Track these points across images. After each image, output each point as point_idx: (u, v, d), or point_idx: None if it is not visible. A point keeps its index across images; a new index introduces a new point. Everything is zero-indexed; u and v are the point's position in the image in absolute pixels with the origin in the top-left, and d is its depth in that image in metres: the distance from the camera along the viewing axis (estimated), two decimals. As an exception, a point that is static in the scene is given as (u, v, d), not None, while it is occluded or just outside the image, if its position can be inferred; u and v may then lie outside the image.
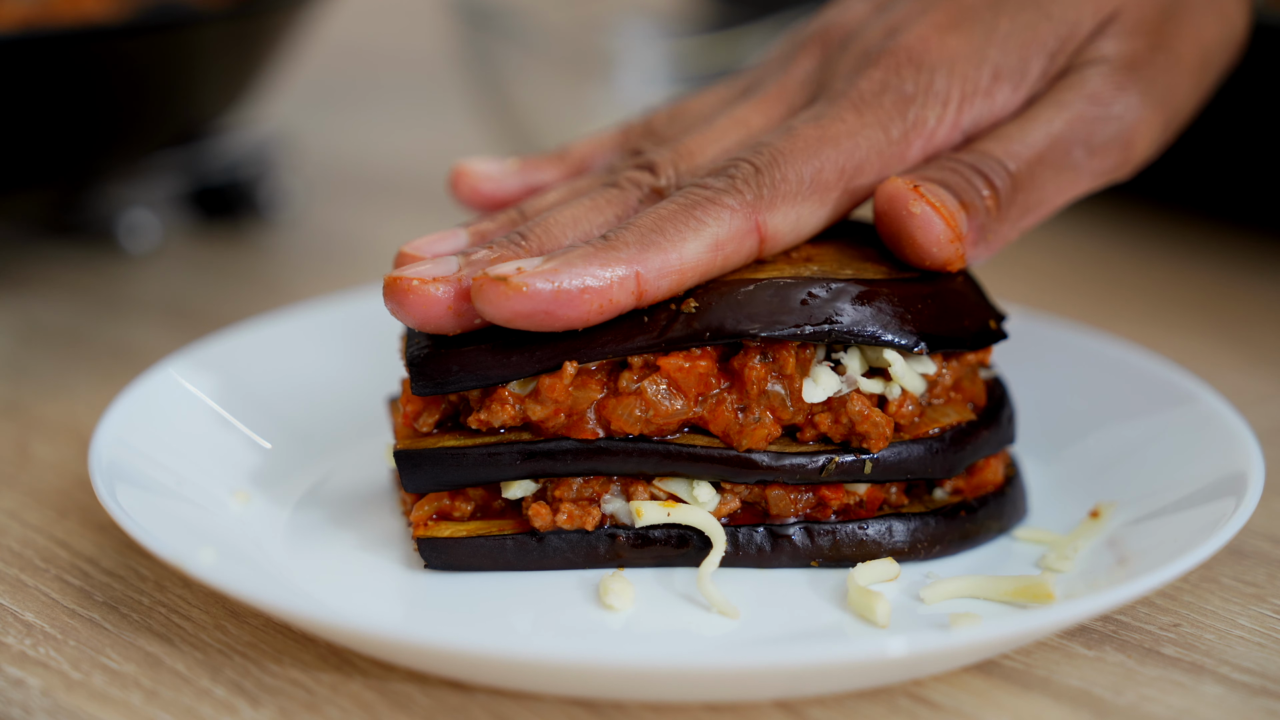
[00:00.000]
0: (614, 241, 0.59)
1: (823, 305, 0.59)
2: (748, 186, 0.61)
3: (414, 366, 0.60)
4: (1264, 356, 0.84)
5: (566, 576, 0.61)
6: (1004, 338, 0.63)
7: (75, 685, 0.55)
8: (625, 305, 0.58)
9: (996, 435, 0.63)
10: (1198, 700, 0.55)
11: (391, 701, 0.55)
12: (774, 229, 0.61)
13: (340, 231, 1.04)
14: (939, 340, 0.61)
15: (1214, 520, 0.58)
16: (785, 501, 0.61)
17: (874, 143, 0.63)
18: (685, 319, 0.59)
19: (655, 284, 0.59)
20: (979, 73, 0.64)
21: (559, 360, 0.59)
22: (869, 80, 0.64)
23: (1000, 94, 0.65)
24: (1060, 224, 1.03)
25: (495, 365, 0.59)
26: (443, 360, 0.59)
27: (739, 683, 0.53)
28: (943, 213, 0.61)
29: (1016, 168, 0.63)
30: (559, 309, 0.57)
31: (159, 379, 0.69)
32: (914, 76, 0.64)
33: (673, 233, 0.59)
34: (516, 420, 0.60)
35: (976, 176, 0.63)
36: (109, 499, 0.59)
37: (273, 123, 1.14)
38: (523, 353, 0.59)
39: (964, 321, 0.62)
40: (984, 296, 0.64)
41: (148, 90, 0.88)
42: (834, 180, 0.62)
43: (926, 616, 0.58)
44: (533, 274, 0.57)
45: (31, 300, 0.91)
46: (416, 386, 0.60)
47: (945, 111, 0.64)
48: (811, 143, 0.62)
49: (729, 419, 0.60)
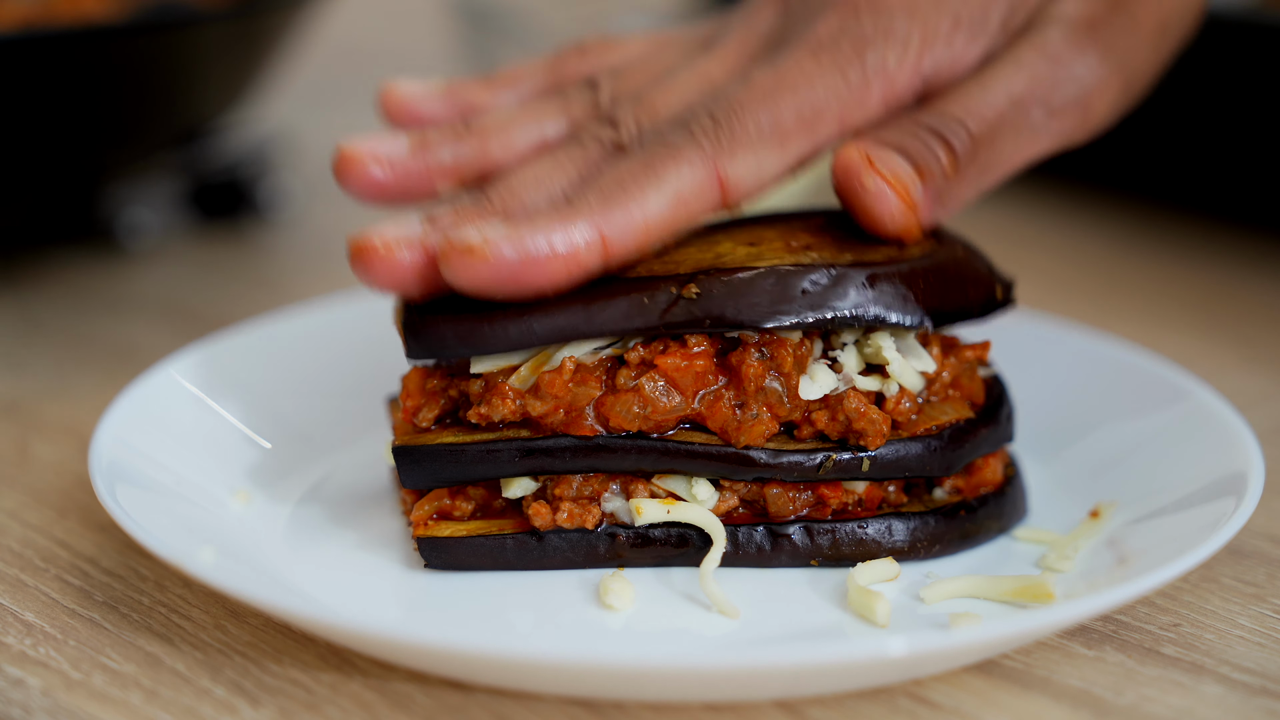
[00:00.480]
0: (577, 204, 0.59)
1: (824, 292, 0.59)
2: (706, 138, 0.61)
3: (410, 332, 0.60)
4: (1264, 356, 0.84)
5: (566, 576, 0.61)
6: (1011, 304, 0.63)
7: (75, 685, 0.55)
8: (593, 266, 0.59)
9: (995, 433, 0.63)
10: (1198, 700, 0.55)
11: (391, 701, 0.54)
12: (735, 178, 0.61)
13: (340, 231, 1.03)
14: (944, 315, 0.61)
15: (1214, 520, 0.58)
16: (784, 500, 0.61)
17: (832, 87, 0.63)
18: (686, 304, 0.59)
19: (621, 243, 0.59)
20: (939, 17, 0.64)
21: (557, 336, 0.59)
22: (825, 24, 0.64)
23: (958, 41, 0.64)
24: (1060, 224, 1.03)
25: (490, 336, 0.59)
26: (439, 327, 0.59)
27: (739, 683, 0.53)
28: (896, 187, 0.61)
29: (976, 128, 0.63)
30: (526, 275, 0.57)
31: (159, 379, 0.69)
32: (872, 19, 0.63)
33: (634, 190, 0.59)
34: (516, 415, 0.60)
35: (934, 139, 0.62)
36: (109, 499, 0.59)
37: (273, 123, 1.14)
38: (519, 323, 0.59)
39: (968, 293, 0.62)
40: (988, 264, 0.64)
41: (148, 90, 0.88)
42: (793, 127, 0.62)
43: (926, 616, 0.58)
44: (497, 241, 0.57)
45: (31, 300, 0.91)
46: (410, 350, 0.60)
47: (905, 54, 0.63)
48: (769, 90, 0.62)
49: (726, 415, 0.60)
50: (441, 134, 0.65)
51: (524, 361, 0.60)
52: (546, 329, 0.59)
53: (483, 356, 0.60)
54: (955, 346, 0.64)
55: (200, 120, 0.97)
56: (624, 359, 0.59)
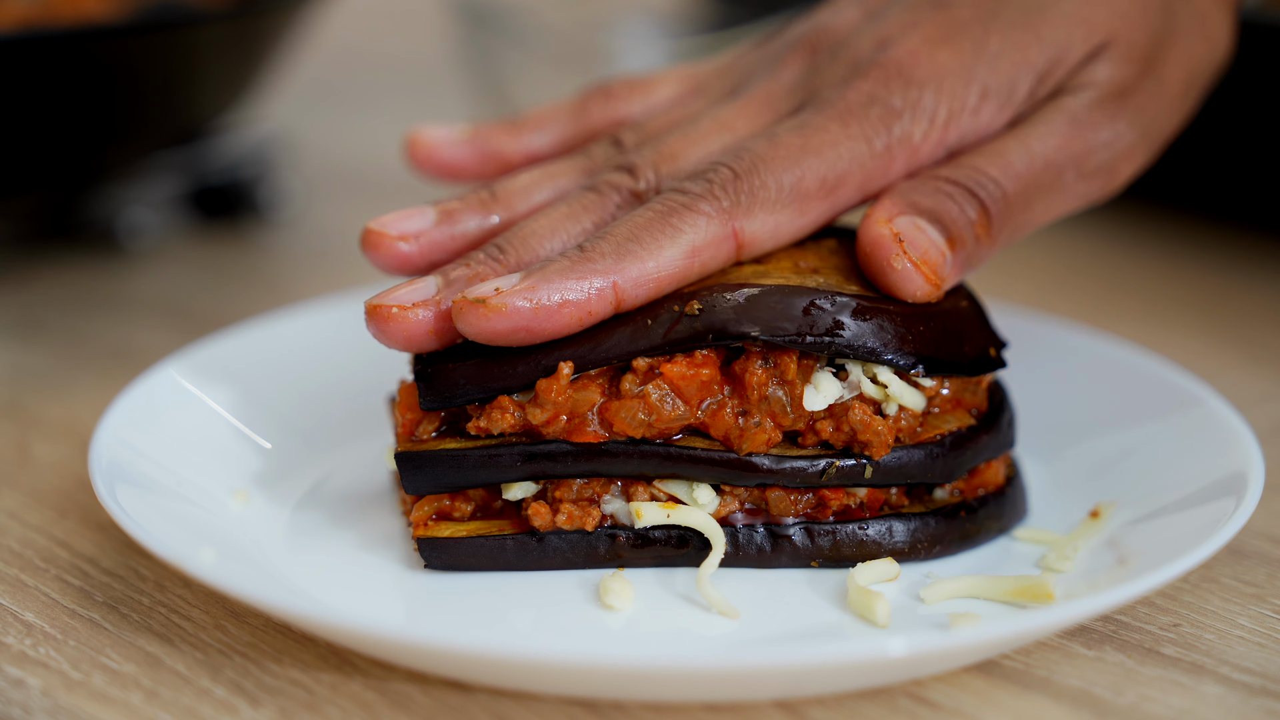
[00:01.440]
0: (590, 253, 0.59)
1: (825, 316, 0.59)
2: (725, 192, 0.61)
3: (422, 381, 0.60)
4: (1264, 356, 0.84)
5: (566, 576, 0.61)
6: (1002, 366, 0.63)
7: (75, 685, 0.55)
8: (604, 315, 0.59)
9: (996, 440, 0.63)
10: (1198, 700, 0.55)
11: (391, 701, 0.54)
12: (751, 235, 0.61)
13: (340, 231, 1.04)
14: (937, 364, 0.61)
15: (1214, 520, 0.58)
16: (785, 502, 0.61)
17: (857, 155, 0.63)
18: (688, 320, 0.59)
19: (633, 293, 0.59)
20: (967, 91, 0.64)
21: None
22: (856, 92, 0.64)
23: (986, 112, 0.64)
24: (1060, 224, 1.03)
25: (501, 375, 0.59)
26: (450, 374, 0.60)
27: (739, 683, 0.53)
28: (924, 270, 0.61)
29: (1012, 188, 0.63)
30: (538, 324, 0.58)
31: (159, 379, 0.69)
32: (902, 91, 0.64)
33: (649, 241, 0.59)
34: (517, 427, 0.60)
35: (969, 201, 0.62)
36: (109, 499, 0.59)
37: (273, 123, 1.14)
38: (528, 361, 0.59)
39: (964, 347, 0.62)
40: (986, 322, 0.64)
41: (148, 90, 0.88)
42: (815, 190, 0.62)
43: (926, 616, 0.58)
44: (510, 293, 0.58)
45: (31, 300, 0.91)
46: (425, 402, 0.60)
47: (931, 129, 0.64)
48: (794, 151, 0.62)
49: (729, 423, 0.60)
50: (466, 204, 0.65)
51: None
52: (554, 362, 0.59)
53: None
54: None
55: (200, 120, 0.97)
56: (630, 366, 0.59)
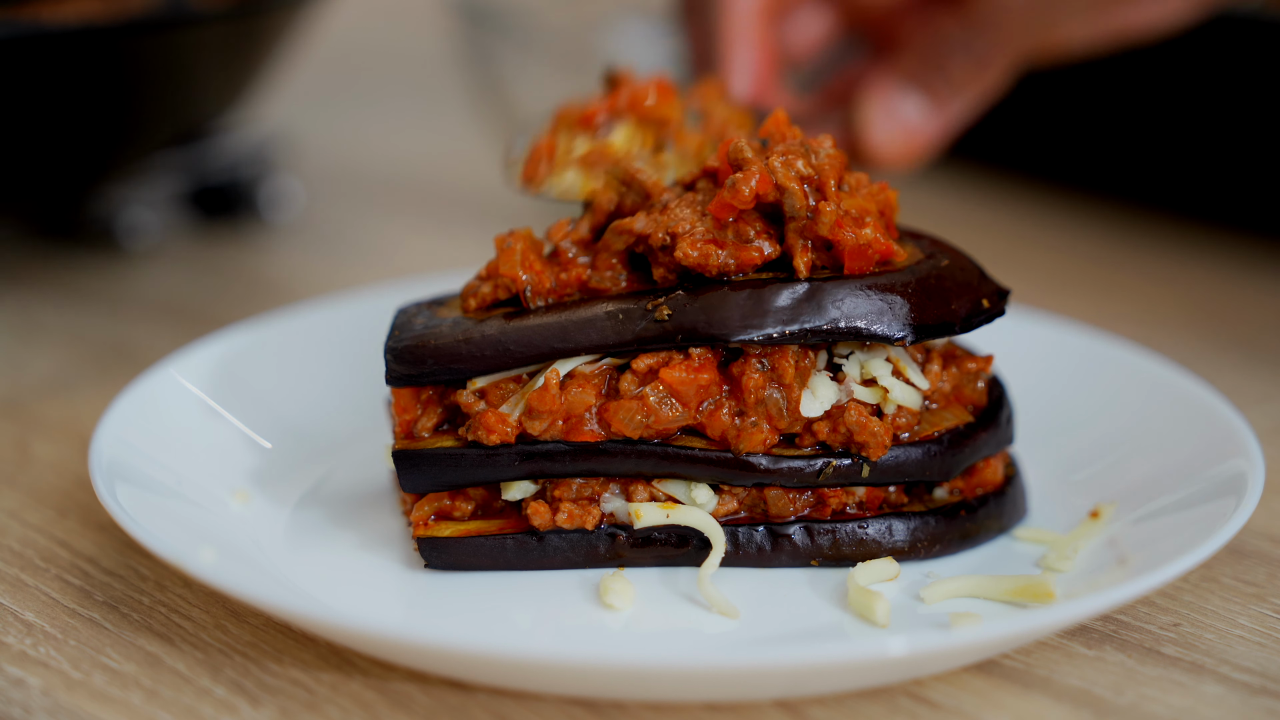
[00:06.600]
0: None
1: (798, 305, 0.59)
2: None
3: (390, 355, 0.61)
4: (1264, 356, 0.84)
5: (566, 576, 0.61)
6: (1000, 314, 0.62)
7: (75, 685, 0.55)
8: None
9: (995, 437, 0.63)
10: (1198, 700, 0.55)
11: (391, 701, 0.54)
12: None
13: (340, 231, 1.04)
14: (926, 329, 0.60)
15: (1214, 520, 0.58)
16: (784, 501, 0.61)
17: None
18: (657, 321, 0.59)
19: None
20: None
21: (534, 357, 0.59)
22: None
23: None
24: (1060, 224, 1.03)
25: (469, 359, 0.60)
26: (418, 352, 0.60)
27: (739, 683, 0.53)
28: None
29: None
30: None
31: (159, 379, 0.69)
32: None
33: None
34: (512, 438, 0.60)
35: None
36: (109, 499, 0.59)
37: (273, 123, 1.14)
38: (499, 349, 0.59)
39: (951, 305, 0.61)
40: (978, 273, 0.63)
41: (148, 90, 0.88)
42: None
43: (926, 616, 0.58)
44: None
45: (31, 300, 0.91)
46: (389, 375, 0.61)
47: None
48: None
49: (726, 424, 0.60)
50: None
51: (511, 375, 0.60)
52: (523, 350, 0.59)
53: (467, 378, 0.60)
54: (957, 358, 0.63)
55: (200, 120, 0.97)
56: (630, 366, 0.60)
